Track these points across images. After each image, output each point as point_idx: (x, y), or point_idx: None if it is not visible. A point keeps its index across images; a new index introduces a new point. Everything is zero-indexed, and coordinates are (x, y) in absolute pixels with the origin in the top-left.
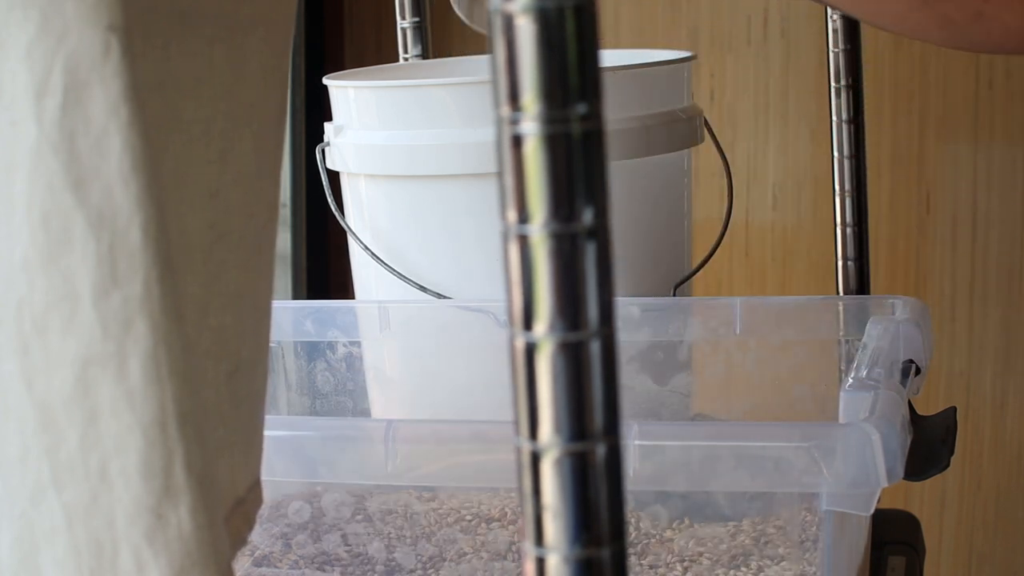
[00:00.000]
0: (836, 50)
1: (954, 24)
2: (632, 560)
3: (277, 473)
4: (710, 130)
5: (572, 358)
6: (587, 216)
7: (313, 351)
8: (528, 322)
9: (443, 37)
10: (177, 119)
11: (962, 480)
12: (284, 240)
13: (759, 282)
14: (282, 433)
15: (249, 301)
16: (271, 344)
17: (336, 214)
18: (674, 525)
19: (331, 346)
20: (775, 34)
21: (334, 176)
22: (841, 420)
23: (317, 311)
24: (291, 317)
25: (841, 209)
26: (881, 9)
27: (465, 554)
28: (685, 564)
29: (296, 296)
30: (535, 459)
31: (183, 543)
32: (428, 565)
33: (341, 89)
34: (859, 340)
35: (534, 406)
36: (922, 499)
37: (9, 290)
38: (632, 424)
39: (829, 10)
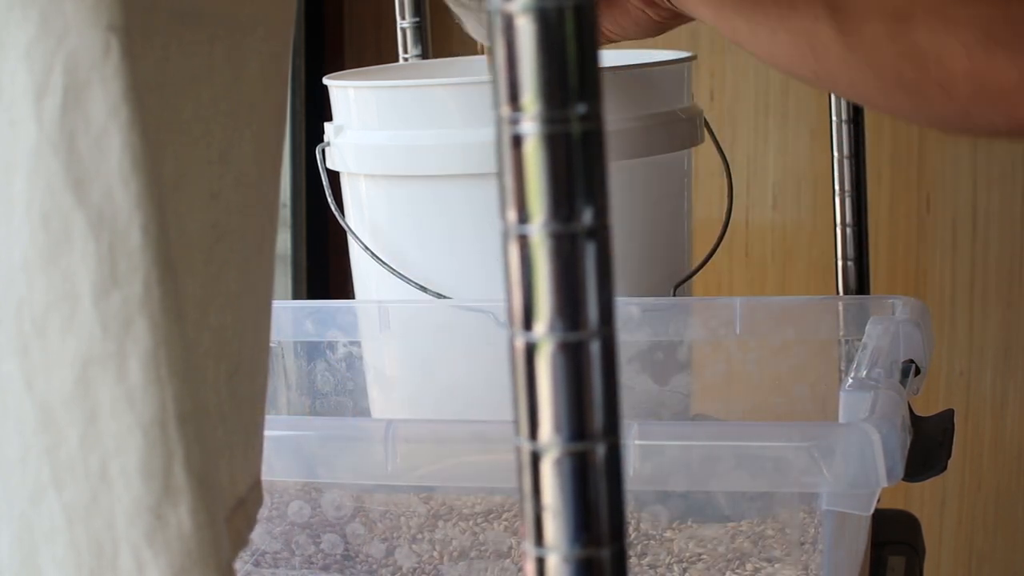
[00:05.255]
0: None
1: (940, 119)
2: (632, 560)
3: (277, 473)
4: (710, 130)
5: (572, 358)
6: (587, 216)
7: (313, 351)
8: (528, 322)
9: (443, 37)
10: (177, 119)
11: (962, 480)
12: (284, 240)
13: (759, 282)
14: (282, 433)
15: (249, 301)
16: (271, 344)
17: (336, 214)
18: (674, 525)
19: (331, 346)
20: None
21: (334, 176)
22: (841, 420)
23: (317, 311)
24: (291, 317)
25: (841, 209)
26: (859, 94)
27: (465, 554)
28: (684, 565)
29: (296, 296)
30: (535, 459)
31: (183, 543)
32: (428, 565)
33: (341, 89)
34: (859, 340)
35: (534, 406)
36: (922, 499)
37: (9, 290)
38: (632, 424)
39: None
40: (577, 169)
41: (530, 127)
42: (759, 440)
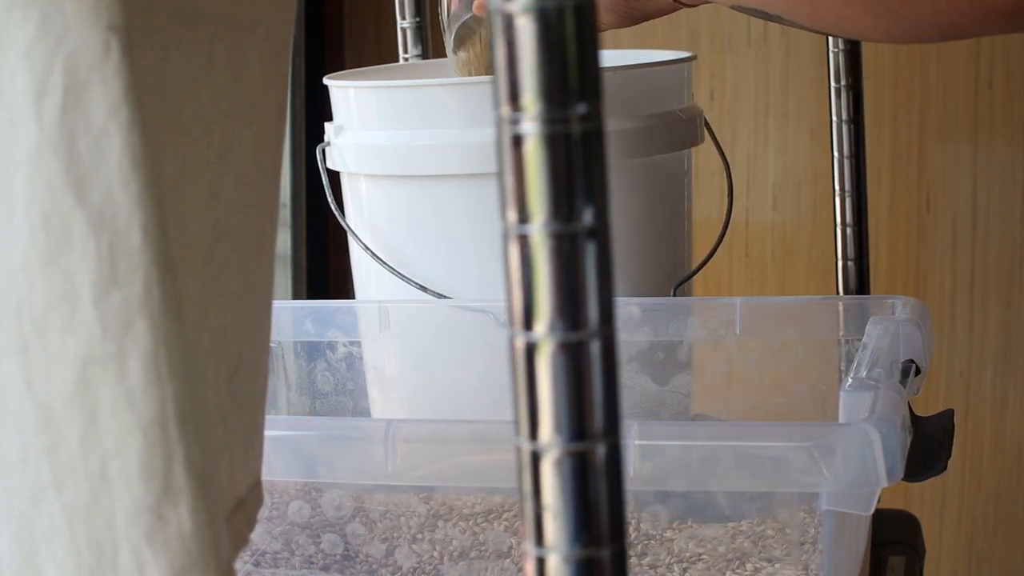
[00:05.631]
0: (836, 50)
1: (886, 10)
2: (632, 560)
3: (277, 473)
4: (710, 130)
5: (572, 358)
6: (587, 216)
7: (313, 351)
8: (528, 322)
9: (443, 37)
10: (177, 119)
11: (962, 480)
12: (284, 240)
13: (759, 282)
14: (282, 433)
15: (249, 301)
16: (271, 344)
17: (336, 214)
18: (674, 525)
19: (331, 346)
20: (775, 34)
21: (334, 176)
22: (841, 420)
23: (317, 311)
24: (291, 317)
25: (841, 209)
26: (817, 11)
27: (465, 554)
28: (684, 565)
29: (296, 296)
30: (535, 459)
31: (183, 543)
32: (428, 565)
33: (341, 89)
34: (859, 340)
35: (534, 406)
36: (922, 499)
37: (9, 290)
38: (632, 424)
39: None
40: (577, 169)
41: (530, 127)
42: (759, 440)
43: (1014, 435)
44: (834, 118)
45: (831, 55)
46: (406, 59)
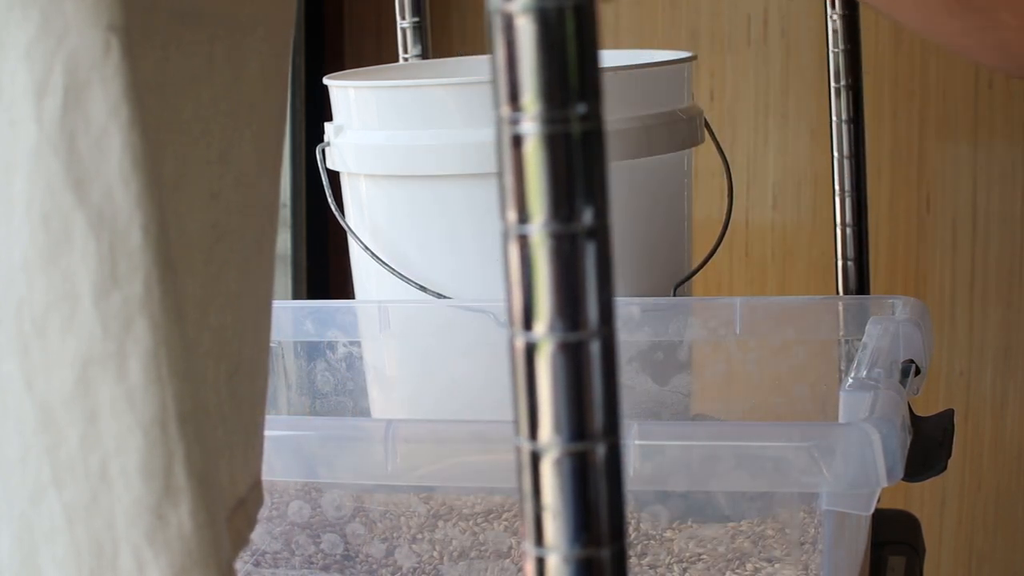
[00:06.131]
0: (836, 50)
1: (1008, 50)
2: (632, 560)
3: (277, 473)
4: (710, 130)
5: (572, 358)
6: (587, 216)
7: (313, 351)
8: (528, 322)
9: (443, 37)
10: (177, 119)
11: (962, 480)
12: (284, 240)
13: (759, 282)
14: (282, 433)
15: (249, 301)
16: (271, 344)
17: (336, 214)
18: (674, 525)
19: (331, 346)
20: (775, 34)
21: (334, 176)
22: (841, 420)
23: (317, 311)
24: (291, 317)
25: (841, 209)
26: (934, 27)
27: (465, 554)
28: (684, 565)
29: (296, 296)
30: (535, 459)
31: (183, 543)
32: (428, 565)
33: (341, 89)
34: (859, 340)
35: (534, 406)
36: (922, 499)
37: (9, 290)
38: (632, 424)
39: (829, 10)
40: (577, 169)
41: (530, 127)
42: (759, 440)
43: (1014, 435)
44: (834, 118)
45: (831, 55)
46: (406, 59)
